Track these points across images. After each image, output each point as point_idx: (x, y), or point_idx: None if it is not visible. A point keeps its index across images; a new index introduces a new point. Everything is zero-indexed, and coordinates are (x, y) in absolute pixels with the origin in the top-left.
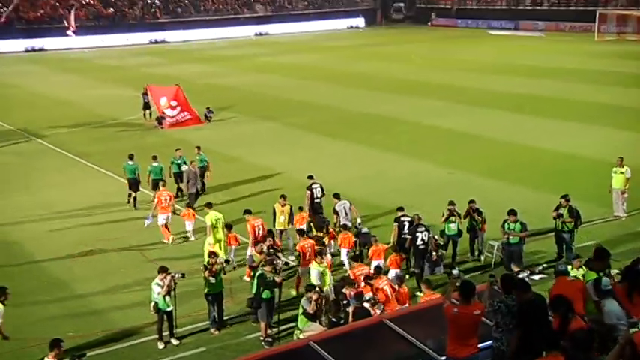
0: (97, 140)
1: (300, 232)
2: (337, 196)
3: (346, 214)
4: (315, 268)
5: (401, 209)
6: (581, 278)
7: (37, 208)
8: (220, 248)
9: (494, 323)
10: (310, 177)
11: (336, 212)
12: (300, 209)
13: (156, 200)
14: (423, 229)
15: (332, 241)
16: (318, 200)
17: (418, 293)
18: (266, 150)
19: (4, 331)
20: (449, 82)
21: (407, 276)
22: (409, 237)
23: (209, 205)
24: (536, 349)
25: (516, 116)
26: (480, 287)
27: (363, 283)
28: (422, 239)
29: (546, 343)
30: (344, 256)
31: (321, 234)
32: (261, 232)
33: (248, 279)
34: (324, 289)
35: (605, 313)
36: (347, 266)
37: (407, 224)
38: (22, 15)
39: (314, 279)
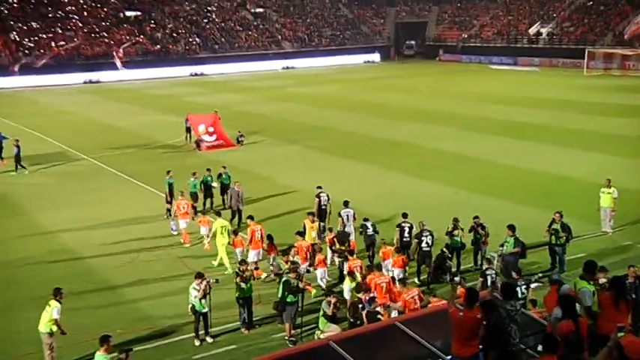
0: (144, 160)
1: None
2: (346, 204)
3: (348, 219)
4: (347, 284)
5: (404, 215)
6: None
7: (90, 220)
8: (222, 255)
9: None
10: (319, 187)
11: (340, 216)
12: (330, 230)
13: (175, 207)
14: (428, 233)
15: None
16: (324, 206)
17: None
18: (291, 170)
19: (62, 327)
20: (454, 111)
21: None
22: (415, 241)
23: (218, 214)
24: None
25: (515, 142)
26: (482, 294)
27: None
28: (426, 242)
29: (542, 345)
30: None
31: (344, 247)
32: (259, 236)
33: (263, 276)
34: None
35: (554, 312)
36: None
37: (407, 229)
38: (81, 52)
39: (346, 293)
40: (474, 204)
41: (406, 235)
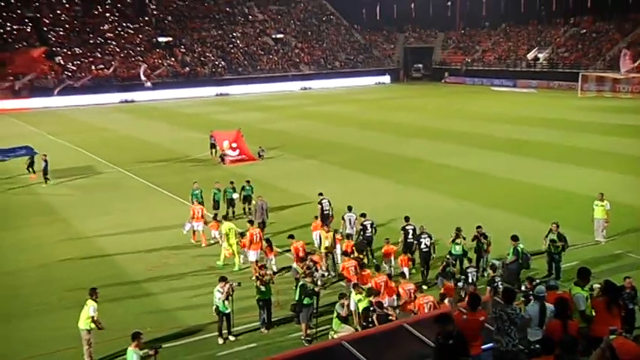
0: (173, 173)
1: (346, 254)
2: (349, 208)
3: (351, 223)
4: (353, 297)
5: (407, 219)
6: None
7: (123, 226)
8: (234, 252)
9: (495, 328)
10: (320, 194)
11: (343, 219)
12: (349, 237)
13: (191, 212)
14: (426, 236)
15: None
16: (326, 212)
17: (424, 287)
18: (307, 183)
19: (98, 323)
20: (459, 129)
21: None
22: (415, 242)
23: (226, 218)
24: None
25: (514, 157)
26: (484, 298)
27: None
28: (425, 244)
29: (541, 346)
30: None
31: (362, 256)
32: (257, 238)
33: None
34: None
35: (527, 309)
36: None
37: (410, 231)
38: (118, 74)
39: (352, 305)
40: (476, 214)
41: (410, 236)
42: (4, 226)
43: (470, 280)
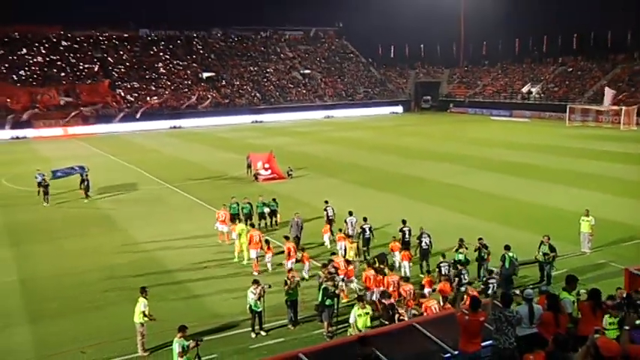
0: (213, 188)
1: (368, 264)
2: (350, 213)
3: (352, 225)
4: (354, 310)
5: (404, 222)
6: None
7: (171, 234)
8: (243, 249)
9: (494, 328)
10: (326, 202)
11: (345, 222)
12: (350, 236)
13: (217, 216)
14: (426, 236)
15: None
16: (331, 217)
17: (421, 275)
18: (329, 198)
19: (150, 316)
20: (462, 152)
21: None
22: (417, 241)
23: (239, 220)
24: None
25: (511, 178)
26: (484, 301)
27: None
28: (425, 242)
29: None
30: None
31: (383, 266)
32: (258, 239)
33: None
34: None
35: (518, 310)
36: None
37: (406, 232)
38: (168, 104)
39: (351, 317)
40: (476, 227)
41: (407, 236)
42: (70, 235)
43: (491, 291)
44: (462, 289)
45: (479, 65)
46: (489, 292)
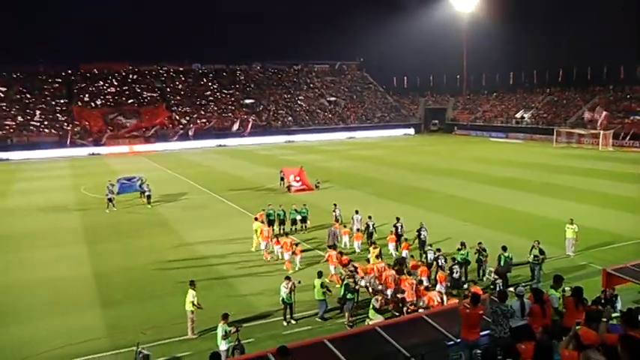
0: (252, 197)
1: (389, 265)
2: (357, 212)
3: (358, 222)
4: (372, 316)
5: (397, 219)
6: None
7: (216, 236)
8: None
9: (491, 320)
10: (335, 204)
11: (352, 219)
12: (358, 230)
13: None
14: (424, 229)
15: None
16: (338, 218)
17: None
18: (351, 206)
19: (198, 304)
20: (464, 169)
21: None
22: (416, 233)
23: (257, 219)
24: None
25: (506, 190)
26: (483, 297)
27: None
28: (423, 235)
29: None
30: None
31: (402, 268)
32: (267, 233)
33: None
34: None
35: (511, 304)
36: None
37: (399, 226)
38: (215, 126)
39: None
40: (476, 232)
41: (399, 230)
42: (134, 235)
43: (440, 265)
44: (466, 285)
45: (479, 94)
46: (497, 287)
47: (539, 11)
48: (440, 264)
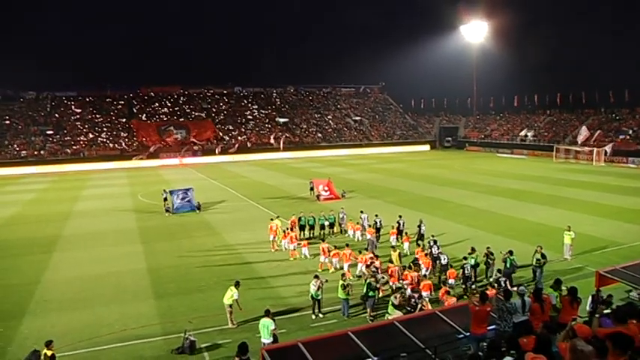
0: (284, 205)
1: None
2: (362, 212)
3: (366, 220)
4: (391, 311)
5: (400, 216)
6: None
7: (253, 239)
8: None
9: (497, 316)
10: (342, 208)
11: (361, 217)
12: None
13: (289, 224)
14: (423, 224)
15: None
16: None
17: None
18: (372, 213)
19: (240, 305)
20: (474, 181)
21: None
22: (417, 229)
23: (276, 217)
24: None
25: (511, 201)
26: (490, 295)
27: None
28: (422, 229)
29: (525, 330)
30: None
31: (416, 268)
32: (275, 228)
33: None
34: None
35: (513, 302)
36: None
37: (401, 223)
38: (253, 141)
39: (390, 308)
40: (484, 238)
41: (401, 226)
42: (183, 237)
43: (444, 262)
44: (473, 286)
45: (487, 114)
46: (500, 286)
47: (541, 42)
48: (442, 261)
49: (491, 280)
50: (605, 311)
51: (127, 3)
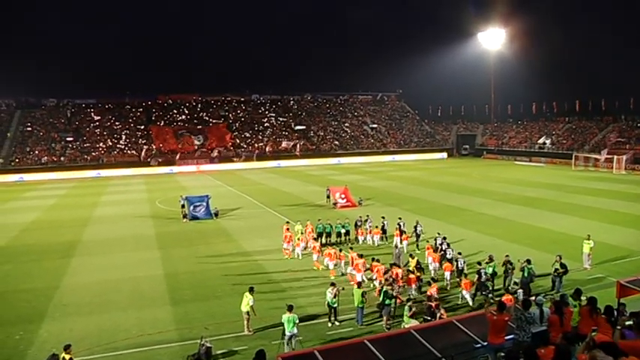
0: (302, 212)
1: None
2: (367, 217)
3: (371, 221)
4: (407, 320)
5: (400, 218)
6: None
7: (270, 245)
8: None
9: (515, 325)
10: (367, 216)
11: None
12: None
13: (306, 229)
14: (420, 225)
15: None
16: (403, 229)
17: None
18: (391, 221)
19: (254, 311)
20: (491, 189)
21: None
22: (413, 230)
23: (296, 222)
24: None
25: (529, 209)
26: (508, 304)
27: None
28: (420, 230)
29: (542, 341)
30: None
31: (419, 273)
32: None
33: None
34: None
35: (531, 312)
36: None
37: (401, 224)
38: (270, 149)
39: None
40: (502, 247)
41: (402, 227)
42: (200, 243)
43: (459, 267)
44: (490, 295)
45: (505, 122)
46: (518, 297)
47: (559, 49)
48: (459, 265)
49: (510, 288)
50: (627, 322)
51: (146, 13)
